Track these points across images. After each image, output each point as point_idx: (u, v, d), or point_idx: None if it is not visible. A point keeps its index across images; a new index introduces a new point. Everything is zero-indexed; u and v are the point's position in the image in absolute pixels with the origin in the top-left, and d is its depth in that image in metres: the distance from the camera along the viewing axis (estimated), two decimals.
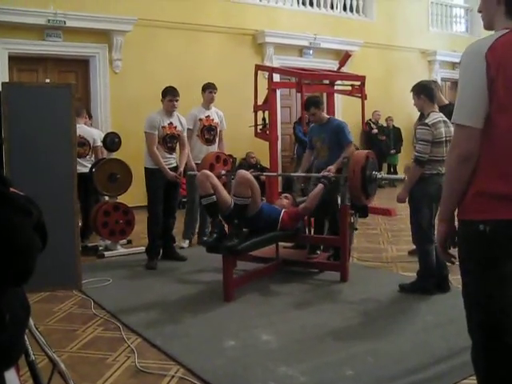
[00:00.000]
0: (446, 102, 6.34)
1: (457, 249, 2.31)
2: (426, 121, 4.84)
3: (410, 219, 5.07)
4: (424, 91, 4.99)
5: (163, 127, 6.33)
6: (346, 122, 6.35)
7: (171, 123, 6.40)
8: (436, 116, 4.91)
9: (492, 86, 2.06)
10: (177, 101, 6.44)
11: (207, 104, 7.34)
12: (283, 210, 5.55)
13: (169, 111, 6.41)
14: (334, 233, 5.91)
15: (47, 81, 8.36)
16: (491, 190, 2.11)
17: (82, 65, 10.39)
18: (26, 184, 1.50)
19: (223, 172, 6.35)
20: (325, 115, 6.29)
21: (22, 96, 3.41)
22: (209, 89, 7.36)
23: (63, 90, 3.52)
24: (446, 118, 4.93)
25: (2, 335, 1.41)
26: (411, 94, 5.11)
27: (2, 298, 1.40)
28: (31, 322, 2.67)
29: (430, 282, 5.00)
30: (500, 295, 2.15)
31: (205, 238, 5.48)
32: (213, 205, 5.26)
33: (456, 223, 2.32)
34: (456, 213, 2.28)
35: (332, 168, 5.78)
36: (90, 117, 8.32)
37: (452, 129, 4.92)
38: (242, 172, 5.33)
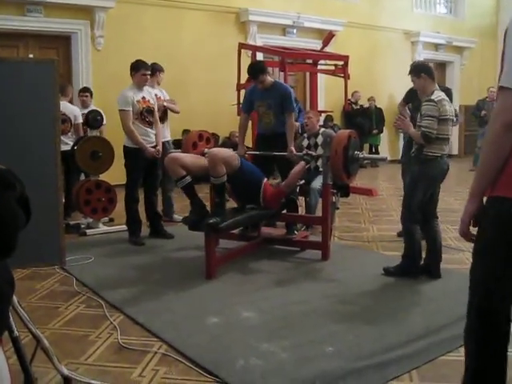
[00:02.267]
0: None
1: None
2: (432, 97, 4.77)
3: (403, 198, 5.06)
4: (423, 70, 4.90)
5: (138, 101, 6.23)
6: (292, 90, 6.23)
7: (144, 97, 6.32)
8: (440, 94, 4.85)
9: None
10: (149, 75, 6.39)
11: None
12: (264, 179, 5.57)
13: (141, 85, 6.32)
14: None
15: (30, 56, 8.26)
16: None
17: (63, 41, 10.26)
18: (8, 160, 1.50)
19: (206, 150, 6.33)
20: (270, 79, 6.01)
21: (3, 71, 3.37)
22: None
23: (47, 66, 3.48)
24: (447, 98, 4.92)
25: None
26: (409, 76, 5.01)
27: None
28: (14, 298, 2.68)
29: (415, 263, 4.99)
30: (508, 282, 2.06)
31: (186, 216, 5.48)
32: (188, 186, 5.25)
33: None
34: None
35: (292, 148, 5.78)
36: (92, 94, 8.23)
37: (453, 108, 4.96)
38: (212, 152, 5.25)
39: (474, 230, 2.24)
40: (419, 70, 4.93)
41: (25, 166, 2.66)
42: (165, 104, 7.03)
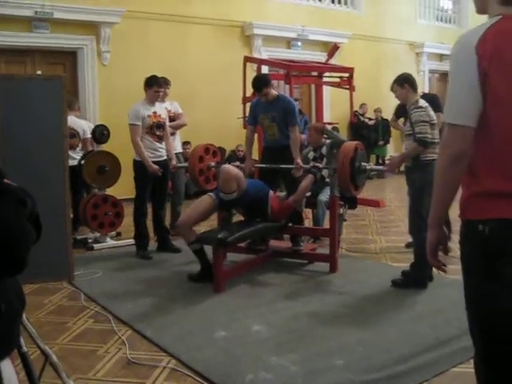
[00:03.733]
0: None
1: (449, 254, 2.26)
2: (420, 104, 4.92)
3: (410, 209, 5.05)
4: (407, 81, 5.06)
5: (148, 116, 6.27)
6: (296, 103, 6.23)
7: (155, 112, 6.35)
8: (422, 102, 5.02)
9: (485, 79, 1.92)
10: (162, 91, 6.43)
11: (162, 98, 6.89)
12: (270, 193, 5.59)
13: (152, 101, 6.37)
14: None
15: (38, 73, 8.31)
16: (489, 188, 1.99)
17: (69, 57, 10.32)
18: (17, 176, 1.51)
19: (213, 164, 6.35)
20: (274, 92, 6.03)
21: (12, 88, 3.39)
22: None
23: (54, 82, 3.50)
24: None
25: None
26: (394, 85, 5.16)
27: None
28: (23, 314, 2.68)
29: (425, 272, 4.98)
30: (498, 298, 2.02)
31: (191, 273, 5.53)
32: (200, 250, 5.37)
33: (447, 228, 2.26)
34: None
35: (298, 161, 5.79)
36: (78, 108, 8.27)
37: (433, 113, 5.05)
38: (226, 168, 5.31)
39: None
40: (403, 80, 5.09)
41: (33, 182, 2.66)
42: (168, 124, 6.98)
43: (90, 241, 6.99)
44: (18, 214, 1.34)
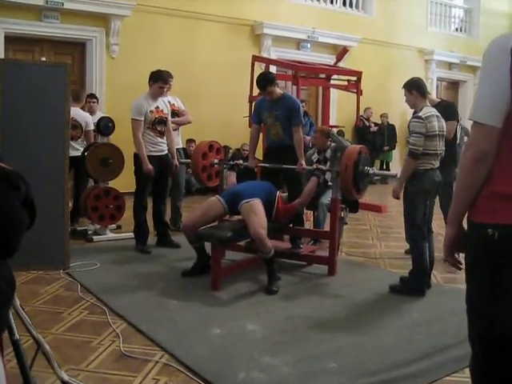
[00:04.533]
0: (437, 100, 6.35)
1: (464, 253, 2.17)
2: (420, 114, 4.85)
3: (404, 216, 5.04)
4: (415, 86, 4.99)
5: (151, 111, 6.26)
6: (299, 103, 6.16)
7: (158, 107, 6.34)
8: (429, 110, 4.93)
9: None
10: (167, 87, 6.42)
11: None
12: (278, 193, 5.57)
13: (156, 97, 6.34)
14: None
15: (43, 59, 8.30)
16: (503, 191, 1.97)
17: (78, 48, 10.33)
18: (16, 162, 1.49)
19: (216, 161, 6.33)
20: (279, 91, 5.95)
21: (16, 73, 3.37)
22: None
23: (59, 69, 3.49)
24: (438, 113, 4.97)
25: None
26: (403, 90, 5.10)
27: None
28: (17, 301, 2.67)
29: (424, 281, 4.98)
30: (504, 306, 2.00)
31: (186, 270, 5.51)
32: (201, 247, 5.42)
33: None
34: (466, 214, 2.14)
35: (302, 162, 5.77)
36: (97, 100, 8.24)
37: (444, 123, 5.01)
38: (254, 232, 5.04)
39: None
40: (412, 86, 5.02)
41: (33, 168, 2.65)
42: (172, 119, 6.98)
43: (89, 232, 6.98)
44: (10, 198, 1.32)
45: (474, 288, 2.11)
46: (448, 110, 5.99)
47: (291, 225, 5.94)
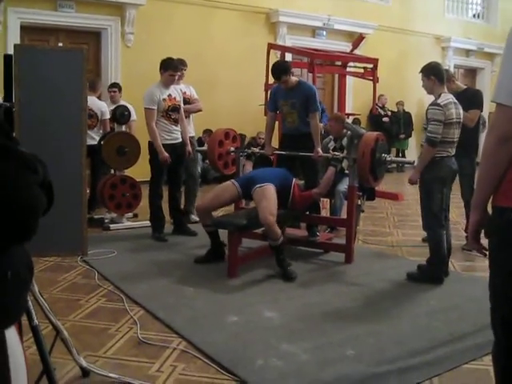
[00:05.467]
0: (464, 86, 6.27)
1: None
2: (438, 101, 4.78)
3: (421, 204, 5.00)
4: (434, 72, 4.89)
5: (164, 100, 6.25)
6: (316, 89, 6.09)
7: (170, 95, 6.33)
8: (448, 97, 4.86)
9: None
10: (178, 75, 6.41)
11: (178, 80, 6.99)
12: (293, 180, 5.56)
13: (167, 85, 6.33)
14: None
15: (60, 44, 8.31)
16: None
17: (93, 37, 10.35)
18: (33, 148, 1.48)
19: (232, 149, 6.32)
20: (295, 78, 5.91)
21: (33, 59, 3.37)
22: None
23: (76, 54, 3.48)
24: (455, 100, 4.90)
25: (4, 292, 1.40)
26: (421, 75, 5.01)
27: (4, 255, 1.38)
28: (36, 288, 2.69)
29: (441, 269, 4.95)
30: None
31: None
32: (214, 232, 5.43)
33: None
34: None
35: (319, 149, 5.74)
36: (120, 89, 8.21)
37: (461, 110, 4.94)
38: (263, 218, 5.02)
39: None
40: (430, 71, 4.92)
41: (49, 154, 2.65)
42: (183, 106, 6.97)
43: (106, 221, 7.00)
44: (28, 179, 1.31)
45: (497, 272, 2.09)
46: (474, 98, 5.93)
47: (308, 212, 5.92)
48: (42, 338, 2.47)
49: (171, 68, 6.26)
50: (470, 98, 5.84)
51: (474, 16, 16.48)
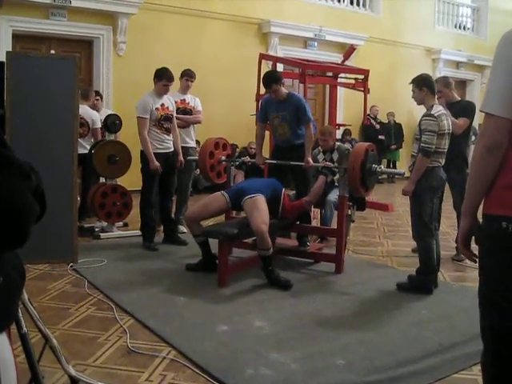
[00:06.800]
0: (458, 98, 6.31)
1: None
2: (432, 112, 4.82)
3: (411, 213, 5.02)
4: (426, 83, 4.94)
5: (156, 109, 6.27)
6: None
7: (163, 104, 6.35)
8: (439, 108, 4.92)
9: None
10: (171, 86, 6.45)
11: (184, 90, 7.22)
12: (283, 190, 5.57)
13: (161, 94, 6.36)
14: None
15: (52, 52, 8.30)
16: None
17: (85, 46, 10.35)
18: (25, 155, 1.49)
19: (223, 158, 6.33)
20: (285, 90, 5.91)
21: (26, 66, 3.38)
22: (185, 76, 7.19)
23: (68, 62, 3.49)
24: (445, 112, 4.95)
25: None
26: (411, 86, 5.05)
27: None
28: (25, 296, 2.68)
29: (431, 279, 4.96)
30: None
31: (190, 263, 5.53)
32: (205, 242, 5.39)
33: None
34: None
35: (309, 159, 5.75)
36: (101, 97, 8.23)
37: (450, 122, 5.00)
38: (256, 227, 5.00)
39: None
40: (422, 82, 4.97)
41: (41, 160, 2.65)
42: (183, 117, 6.98)
43: (96, 229, 6.99)
44: (22, 186, 1.31)
45: (486, 280, 2.10)
46: (466, 108, 5.98)
47: (298, 222, 5.93)
48: (31, 346, 2.45)
49: (165, 78, 6.28)
50: (463, 109, 5.89)
51: (465, 28, 16.61)
